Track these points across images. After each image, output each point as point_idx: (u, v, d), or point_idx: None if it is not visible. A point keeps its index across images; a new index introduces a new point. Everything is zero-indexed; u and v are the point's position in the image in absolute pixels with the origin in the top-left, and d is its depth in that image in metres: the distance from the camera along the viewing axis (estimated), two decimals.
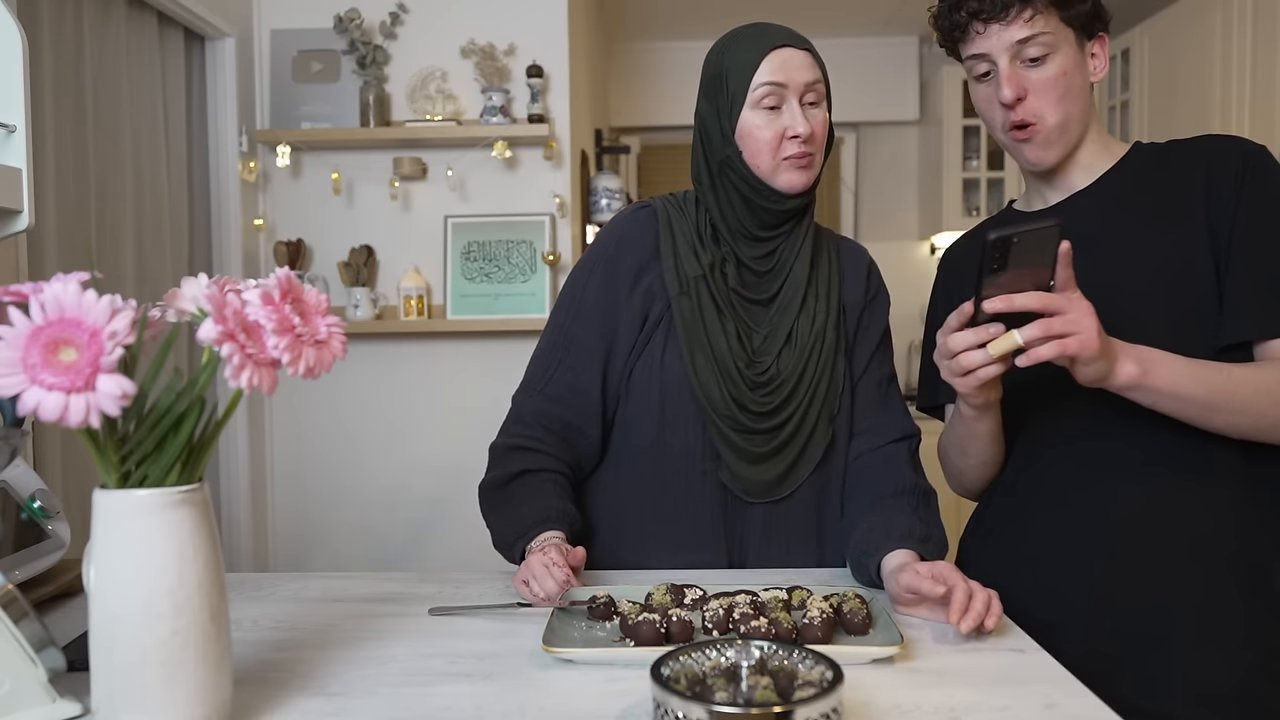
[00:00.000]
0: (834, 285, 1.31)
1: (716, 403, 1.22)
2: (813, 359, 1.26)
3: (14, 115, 1.22)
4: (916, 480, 1.25)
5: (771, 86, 1.19)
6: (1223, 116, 3.13)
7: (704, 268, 1.25)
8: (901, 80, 4.57)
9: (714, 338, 1.23)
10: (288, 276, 0.76)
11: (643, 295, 1.27)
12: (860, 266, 1.35)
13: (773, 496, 1.26)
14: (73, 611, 1.10)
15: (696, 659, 0.77)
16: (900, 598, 1.06)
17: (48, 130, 1.92)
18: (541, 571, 1.07)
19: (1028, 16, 1.16)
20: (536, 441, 1.26)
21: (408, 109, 2.79)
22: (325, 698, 0.84)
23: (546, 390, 1.28)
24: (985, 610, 0.96)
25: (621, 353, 1.27)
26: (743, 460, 1.24)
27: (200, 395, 0.72)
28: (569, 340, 1.28)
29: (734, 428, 1.23)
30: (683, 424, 1.25)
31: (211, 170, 2.62)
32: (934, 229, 4.50)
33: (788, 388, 1.24)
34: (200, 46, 2.59)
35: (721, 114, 1.22)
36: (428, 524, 2.84)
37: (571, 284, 1.32)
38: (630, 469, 1.29)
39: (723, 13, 4.14)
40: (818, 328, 1.27)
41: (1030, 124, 1.19)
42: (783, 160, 1.20)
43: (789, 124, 1.19)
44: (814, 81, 1.21)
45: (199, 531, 0.73)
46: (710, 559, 1.26)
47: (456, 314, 2.75)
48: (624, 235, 1.30)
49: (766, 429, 1.24)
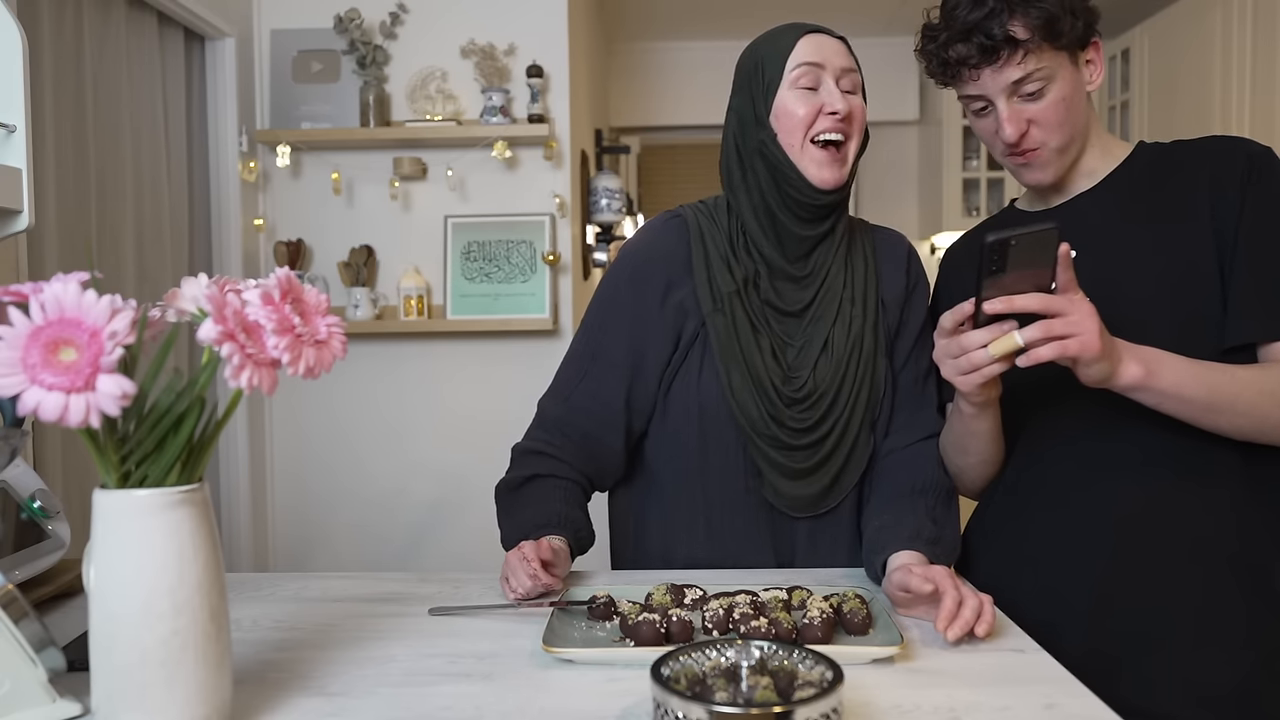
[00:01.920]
0: (870, 285, 1.28)
1: (755, 421, 1.21)
2: (850, 368, 1.24)
3: (14, 115, 1.22)
4: (940, 479, 1.24)
5: (808, 66, 1.19)
6: (1223, 116, 3.12)
7: (738, 282, 1.23)
8: (901, 80, 4.57)
9: (749, 355, 1.22)
10: (288, 276, 0.76)
11: (675, 310, 1.25)
12: (899, 258, 1.33)
13: (818, 510, 1.25)
14: (73, 611, 1.10)
15: (696, 659, 0.77)
16: (895, 597, 1.07)
17: (48, 130, 1.92)
18: (515, 567, 1.09)
19: (1019, 58, 1.14)
20: (553, 447, 1.26)
21: (408, 109, 2.79)
22: (325, 698, 0.84)
23: (571, 399, 1.28)
24: (975, 618, 0.96)
25: (651, 367, 1.26)
26: (785, 477, 1.23)
27: (200, 395, 0.72)
28: (596, 350, 1.28)
29: (774, 445, 1.22)
30: (723, 442, 1.24)
31: (211, 170, 2.62)
32: (934, 229, 4.50)
33: (826, 401, 1.22)
34: (200, 46, 2.59)
35: (756, 100, 1.21)
36: (428, 524, 2.84)
37: (602, 293, 1.31)
38: (675, 487, 1.28)
39: (723, 13, 4.14)
40: (854, 334, 1.24)
41: (1033, 149, 1.19)
42: (813, 144, 1.18)
43: (825, 100, 1.18)
44: (850, 68, 1.22)
45: (199, 531, 0.73)
46: None
47: (456, 314, 2.75)
48: (655, 247, 1.28)
49: (807, 444, 1.22)
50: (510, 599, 1.09)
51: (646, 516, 1.32)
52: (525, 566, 1.07)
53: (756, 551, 1.26)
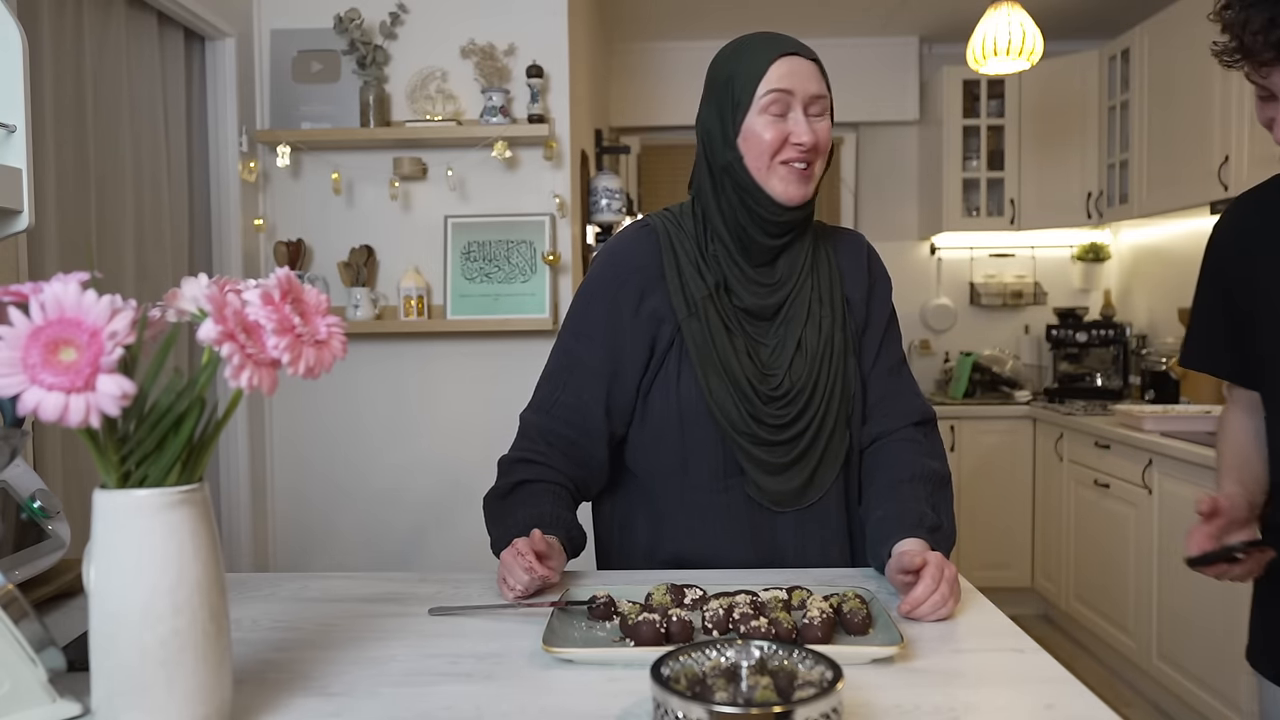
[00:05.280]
0: (836, 285, 1.31)
1: (735, 421, 1.24)
2: (824, 365, 1.27)
3: (14, 115, 1.21)
4: (931, 466, 1.27)
5: (779, 93, 1.19)
6: (1222, 116, 3.13)
7: (710, 287, 1.26)
8: (901, 80, 4.56)
9: (725, 357, 1.24)
10: (288, 276, 0.76)
11: (649, 318, 1.27)
12: (859, 257, 1.36)
13: (800, 504, 1.27)
14: (73, 611, 1.10)
15: (696, 659, 0.77)
16: (896, 581, 1.10)
17: (48, 130, 1.92)
18: (510, 564, 1.09)
19: None
20: (539, 454, 1.27)
21: (408, 109, 2.79)
22: (325, 698, 0.84)
23: (553, 410, 1.30)
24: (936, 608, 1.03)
25: (629, 375, 1.28)
26: (765, 472, 1.25)
27: (200, 395, 0.72)
28: (573, 363, 1.30)
29: (753, 442, 1.24)
30: (704, 443, 1.26)
31: (211, 170, 2.62)
32: (934, 229, 4.50)
33: (803, 398, 1.25)
34: (200, 46, 2.59)
35: (725, 119, 1.23)
36: (428, 524, 2.84)
37: (575, 307, 1.33)
38: (658, 489, 1.30)
39: (723, 13, 4.14)
40: (825, 333, 1.28)
41: None
42: (780, 164, 1.20)
43: (793, 129, 1.19)
44: (820, 94, 1.22)
45: (199, 531, 0.73)
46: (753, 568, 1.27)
47: (456, 314, 2.75)
48: (626, 257, 1.31)
49: (785, 440, 1.25)
50: (509, 598, 1.09)
51: (631, 518, 1.34)
52: (520, 561, 1.07)
53: (741, 547, 1.27)
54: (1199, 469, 2.76)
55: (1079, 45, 4.30)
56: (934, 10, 4.15)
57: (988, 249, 4.67)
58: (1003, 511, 4.07)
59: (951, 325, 4.70)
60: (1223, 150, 3.12)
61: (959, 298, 4.71)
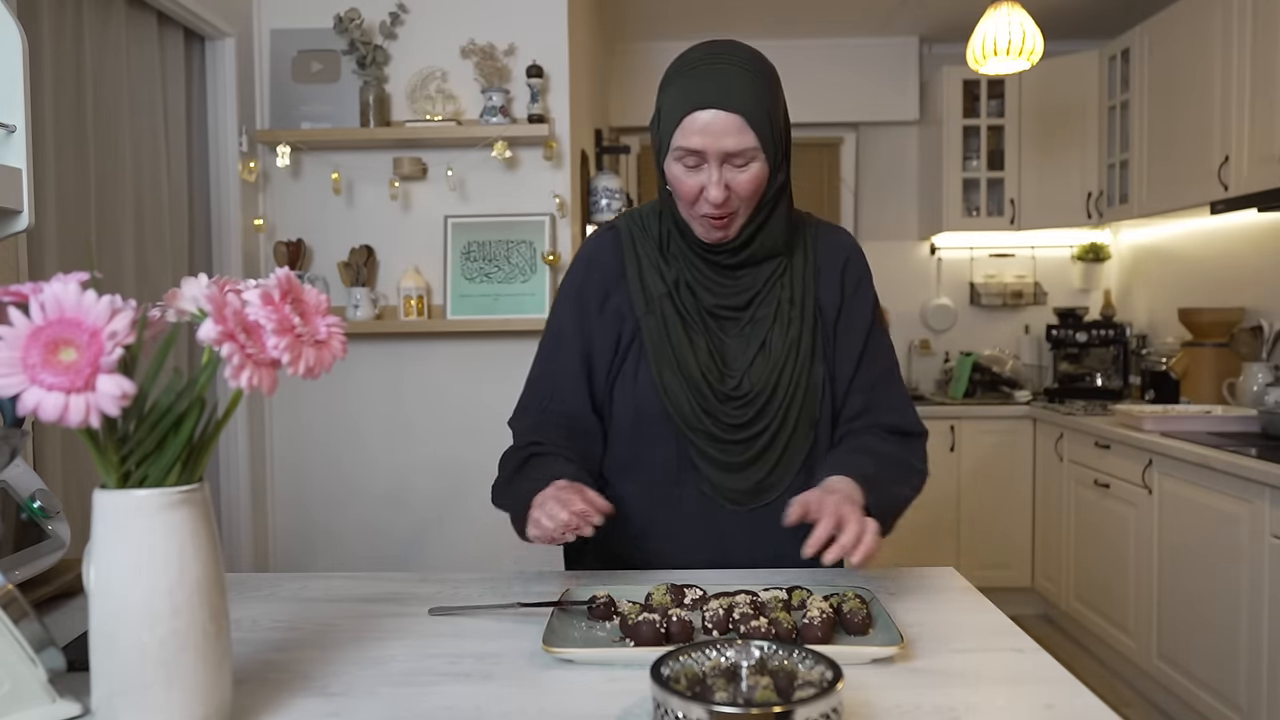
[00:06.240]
0: (809, 287, 1.29)
1: (688, 416, 1.24)
2: (787, 369, 1.26)
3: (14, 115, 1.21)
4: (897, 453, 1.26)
5: (685, 152, 1.17)
6: (1222, 116, 3.13)
7: (669, 285, 1.27)
8: (901, 80, 4.56)
9: (681, 353, 1.25)
10: (288, 276, 0.76)
11: (612, 316, 1.29)
12: (836, 262, 1.32)
13: (755, 503, 1.27)
14: (73, 611, 1.10)
15: (696, 659, 0.77)
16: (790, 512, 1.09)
17: (48, 130, 1.92)
18: (552, 502, 1.06)
19: None
20: (542, 436, 1.28)
21: (408, 109, 2.79)
22: (325, 698, 0.84)
23: (544, 414, 1.32)
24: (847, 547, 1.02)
25: (600, 373, 1.31)
26: (719, 470, 1.26)
27: (200, 395, 0.72)
28: (554, 368, 1.32)
29: (707, 439, 1.25)
30: (660, 438, 1.27)
31: (211, 170, 2.62)
32: (934, 229, 4.50)
33: (761, 400, 1.25)
34: (200, 46, 2.59)
35: (660, 147, 1.23)
36: (428, 524, 2.84)
37: (552, 312, 1.36)
38: (616, 484, 1.31)
39: (723, 13, 4.14)
40: (792, 336, 1.26)
41: None
42: (700, 215, 1.21)
43: (705, 186, 1.17)
44: (736, 151, 1.15)
45: (199, 531, 0.73)
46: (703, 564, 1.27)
47: (456, 314, 2.75)
48: (591, 259, 1.33)
49: (742, 440, 1.25)
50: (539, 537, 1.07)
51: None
52: (566, 498, 1.05)
53: (696, 545, 1.28)
54: (1199, 469, 2.76)
55: (1079, 45, 4.30)
56: (934, 10, 4.15)
57: (988, 249, 4.67)
58: (1003, 511, 4.07)
59: (951, 325, 4.70)
60: (1223, 150, 3.12)
61: (959, 298, 4.71)
